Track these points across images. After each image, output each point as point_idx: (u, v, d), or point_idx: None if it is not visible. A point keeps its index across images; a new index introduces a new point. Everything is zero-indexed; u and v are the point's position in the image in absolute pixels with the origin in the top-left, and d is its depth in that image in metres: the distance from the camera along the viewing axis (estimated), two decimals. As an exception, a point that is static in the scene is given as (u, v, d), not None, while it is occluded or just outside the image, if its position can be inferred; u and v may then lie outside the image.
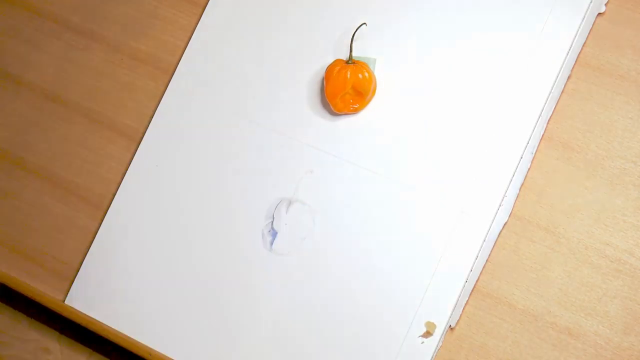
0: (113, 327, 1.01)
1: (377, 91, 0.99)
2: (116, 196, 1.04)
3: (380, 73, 0.99)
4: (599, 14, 0.96)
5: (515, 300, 0.93)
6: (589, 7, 0.95)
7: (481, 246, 0.93)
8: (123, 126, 1.07)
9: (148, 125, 1.05)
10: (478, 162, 0.95)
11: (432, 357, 0.92)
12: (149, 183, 1.04)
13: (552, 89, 0.95)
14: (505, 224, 0.94)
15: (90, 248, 1.04)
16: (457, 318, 0.93)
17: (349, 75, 0.97)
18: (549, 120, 0.95)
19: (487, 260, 0.94)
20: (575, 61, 0.96)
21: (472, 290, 0.94)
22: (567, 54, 0.95)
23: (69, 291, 1.03)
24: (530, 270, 0.93)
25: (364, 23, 0.99)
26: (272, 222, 0.99)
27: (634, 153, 0.93)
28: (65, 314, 1.02)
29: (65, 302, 1.03)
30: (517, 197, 0.95)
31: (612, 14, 0.96)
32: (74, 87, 1.09)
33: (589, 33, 0.96)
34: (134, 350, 1.00)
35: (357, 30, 0.99)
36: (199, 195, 1.02)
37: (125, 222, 1.03)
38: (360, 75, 0.97)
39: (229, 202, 1.01)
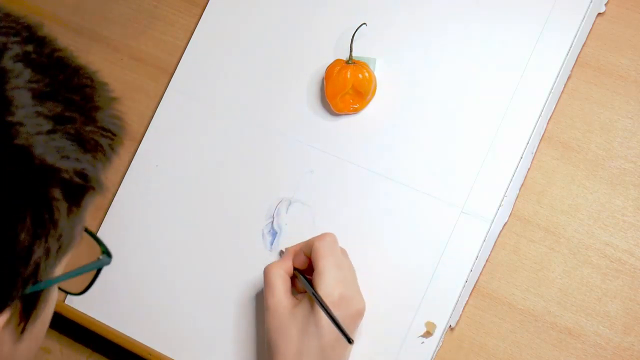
0: (113, 327, 1.01)
1: (377, 91, 0.99)
2: (116, 196, 1.04)
3: (380, 73, 0.99)
4: (599, 14, 0.96)
5: (515, 300, 0.93)
6: (589, 7, 0.95)
7: (481, 246, 0.93)
8: (123, 126, 1.07)
9: (148, 125, 1.05)
10: (478, 162, 0.95)
11: (432, 357, 0.92)
12: (149, 183, 1.04)
13: (552, 89, 0.95)
14: (505, 224, 0.94)
15: (90, 248, 1.04)
16: (457, 318, 0.93)
17: (349, 75, 0.97)
18: (549, 120, 0.95)
19: (487, 260, 0.94)
20: (575, 61, 0.96)
21: (472, 290, 0.93)
22: (567, 54, 0.95)
23: (69, 291, 1.03)
24: (530, 270, 0.93)
25: (364, 23, 0.99)
26: (272, 222, 0.99)
27: (634, 153, 0.93)
28: (65, 314, 1.02)
29: (65, 302, 1.03)
30: (517, 197, 0.94)
31: (612, 14, 0.96)
32: (74, 87, 1.09)
33: (589, 33, 0.96)
34: (134, 350, 1.00)
35: (357, 30, 0.99)
36: (198, 195, 1.02)
37: (125, 222, 1.03)
38: (360, 75, 0.97)
39: (229, 202, 1.01)
